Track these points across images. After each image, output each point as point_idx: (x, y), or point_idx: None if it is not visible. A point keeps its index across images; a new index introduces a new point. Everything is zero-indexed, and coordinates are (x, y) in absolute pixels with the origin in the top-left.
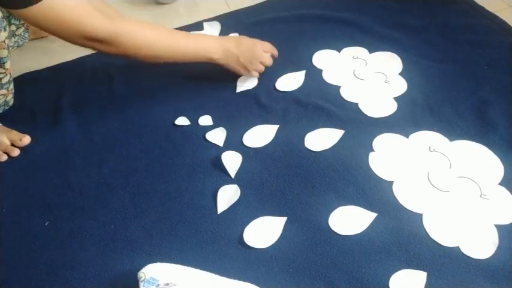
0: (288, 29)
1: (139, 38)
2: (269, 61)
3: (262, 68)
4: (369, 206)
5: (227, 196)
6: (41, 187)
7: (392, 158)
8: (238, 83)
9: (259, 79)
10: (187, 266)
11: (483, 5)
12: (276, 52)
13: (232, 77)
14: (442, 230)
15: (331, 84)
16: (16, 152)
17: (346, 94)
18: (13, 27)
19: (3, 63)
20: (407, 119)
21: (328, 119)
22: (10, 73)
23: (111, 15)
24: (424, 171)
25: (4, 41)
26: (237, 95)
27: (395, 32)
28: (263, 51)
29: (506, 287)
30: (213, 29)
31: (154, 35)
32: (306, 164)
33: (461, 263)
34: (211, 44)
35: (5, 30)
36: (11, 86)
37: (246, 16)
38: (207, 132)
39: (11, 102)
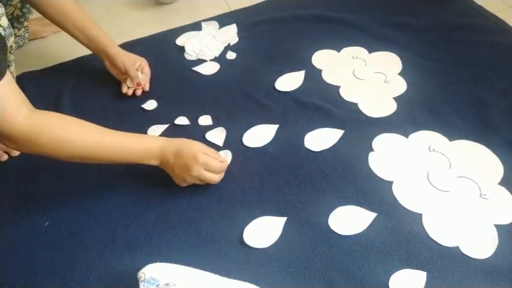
0: (288, 29)
1: (57, 136)
2: (211, 178)
3: (206, 180)
4: (368, 206)
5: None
6: (41, 187)
7: (392, 158)
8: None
9: (259, 79)
10: (187, 266)
11: (483, 5)
12: (223, 168)
13: (232, 76)
14: (441, 230)
15: (331, 84)
16: (17, 152)
17: (346, 94)
18: (15, 31)
19: (9, 66)
20: (406, 119)
21: (328, 119)
22: (14, 75)
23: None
24: (424, 171)
25: (11, 46)
26: (236, 95)
27: (394, 32)
28: (203, 170)
29: (506, 287)
30: (211, 28)
31: (77, 133)
32: (305, 164)
33: (461, 262)
34: (151, 148)
35: (11, 35)
36: None
37: (245, 16)
38: (207, 132)
39: None
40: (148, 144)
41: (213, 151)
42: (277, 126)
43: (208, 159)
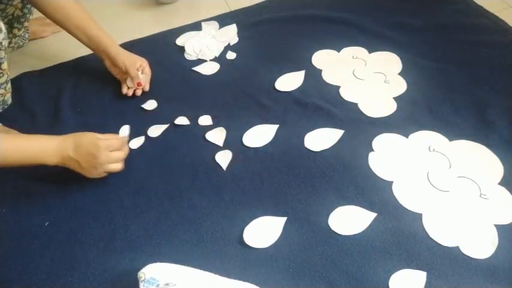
0: (288, 29)
1: None
2: (116, 166)
3: (113, 169)
4: (368, 206)
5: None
6: (41, 187)
7: (392, 158)
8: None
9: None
10: (187, 266)
11: (483, 5)
12: (123, 142)
13: (232, 76)
14: (441, 230)
15: (331, 84)
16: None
17: (346, 94)
18: (15, 31)
19: (0, 63)
20: (406, 119)
21: (328, 119)
22: (7, 73)
23: None
24: (424, 171)
25: (1, 42)
26: (236, 95)
27: (394, 32)
28: (108, 152)
29: (506, 287)
30: (211, 28)
31: None
32: (305, 164)
33: (461, 262)
34: (45, 147)
35: (1, 31)
36: (9, 85)
37: (245, 16)
38: (206, 132)
39: (9, 101)
40: (42, 143)
41: (108, 134)
42: (277, 126)
43: (108, 140)
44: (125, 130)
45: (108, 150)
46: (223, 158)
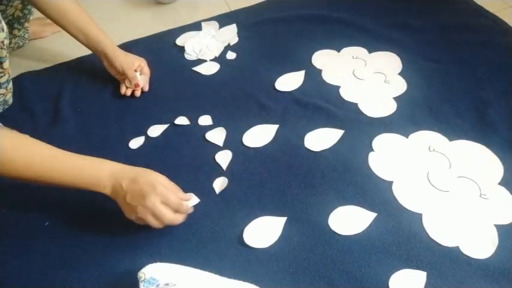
0: (288, 29)
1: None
2: (154, 221)
3: (151, 223)
4: (368, 206)
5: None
6: (41, 187)
7: (392, 158)
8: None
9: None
10: (187, 266)
11: (483, 5)
12: (182, 207)
13: (232, 76)
14: (441, 230)
15: (331, 84)
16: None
17: (346, 94)
18: (15, 31)
19: (1, 62)
20: (407, 119)
21: (328, 119)
22: (9, 72)
23: None
24: (424, 171)
25: (3, 41)
26: (236, 95)
27: (394, 32)
28: (159, 203)
29: (506, 287)
30: (211, 28)
31: (27, 155)
32: (305, 164)
33: (461, 262)
34: (100, 173)
35: (2, 30)
36: (10, 85)
37: (245, 16)
38: (206, 132)
39: (10, 101)
40: (97, 171)
41: (175, 187)
42: (277, 126)
43: (167, 192)
44: (193, 200)
45: (161, 199)
46: (223, 158)
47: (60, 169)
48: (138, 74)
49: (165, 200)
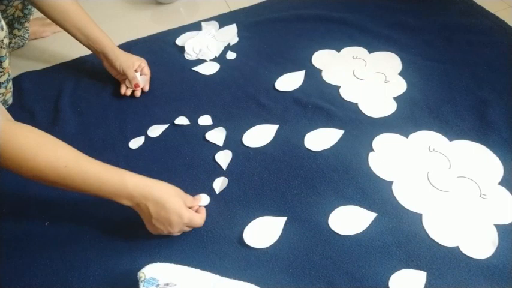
0: (288, 29)
1: (26, 153)
2: (188, 230)
3: (173, 234)
4: (368, 206)
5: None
6: (41, 187)
7: (392, 158)
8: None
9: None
10: (187, 266)
11: (483, 5)
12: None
13: (232, 76)
14: (441, 230)
15: (331, 84)
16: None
17: (346, 94)
18: (15, 31)
19: (1, 62)
20: (406, 119)
21: (328, 119)
22: (8, 72)
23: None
24: (424, 171)
25: (2, 40)
26: (236, 95)
27: (394, 32)
28: (186, 226)
29: (506, 287)
30: (211, 28)
31: (51, 155)
32: (305, 164)
33: (461, 262)
34: (122, 187)
35: (2, 29)
36: (10, 84)
37: (245, 16)
38: (206, 132)
39: (10, 101)
40: (122, 178)
41: (191, 200)
42: (277, 126)
43: (192, 216)
44: (205, 200)
45: (187, 224)
46: (223, 158)
47: (83, 176)
48: (138, 74)
49: (191, 224)
